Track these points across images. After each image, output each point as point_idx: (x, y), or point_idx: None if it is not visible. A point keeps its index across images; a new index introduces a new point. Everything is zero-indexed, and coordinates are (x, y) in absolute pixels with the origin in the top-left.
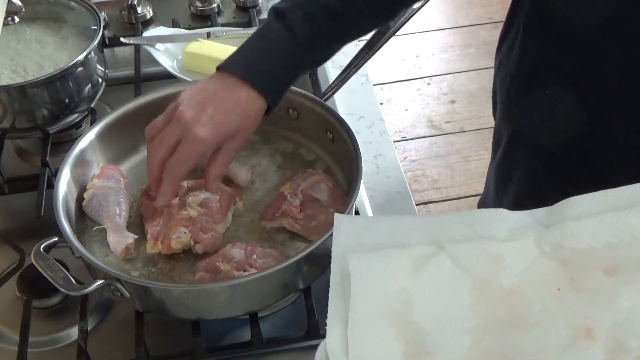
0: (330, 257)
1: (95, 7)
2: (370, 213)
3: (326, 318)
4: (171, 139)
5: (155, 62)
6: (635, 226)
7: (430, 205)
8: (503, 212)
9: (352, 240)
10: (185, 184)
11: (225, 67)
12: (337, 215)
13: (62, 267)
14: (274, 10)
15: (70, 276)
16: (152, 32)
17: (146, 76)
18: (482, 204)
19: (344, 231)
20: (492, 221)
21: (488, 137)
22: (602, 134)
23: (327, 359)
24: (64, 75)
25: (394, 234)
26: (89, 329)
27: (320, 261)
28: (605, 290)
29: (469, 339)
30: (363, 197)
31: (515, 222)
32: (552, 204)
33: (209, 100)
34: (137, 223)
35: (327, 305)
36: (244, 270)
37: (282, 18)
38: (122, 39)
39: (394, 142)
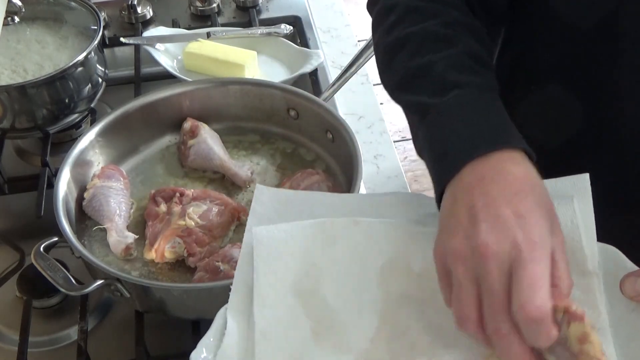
0: None
1: (95, 7)
2: None
3: None
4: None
5: (155, 62)
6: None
7: None
8: (423, 197)
9: (269, 211)
10: (191, 192)
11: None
12: (258, 186)
13: (62, 267)
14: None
15: (70, 276)
16: (152, 32)
17: (146, 76)
18: None
19: (263, 202)
20: (411, 204)
21: None
22: (599, 135)
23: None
24: (64, 75)
25: (312, 208)
26: (89, 329)
27: None
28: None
29: (377, 318)
30: None
31: (431, 208)
32: None
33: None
34: (137, 223)
35: None
36: None
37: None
38: (122, 39)
39: (394, 142)
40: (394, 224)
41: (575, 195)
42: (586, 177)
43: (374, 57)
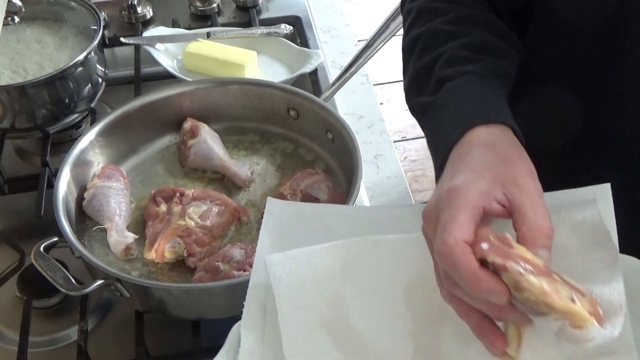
0: None
1: (95, 7)
2: None
3: None
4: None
5: (155, 62)
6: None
7: None
8: (421, 206)
9: (282, 224)
10: (191, 192)
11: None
12: (270, 199)
13: (62, 267)
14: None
15: (70, 276)
16: (152, 32)
17: (146, 76)
18: None
19: (275, 215)
20: (411, 215)
21: None
22: (601, 135)
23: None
24: (64, 75)
25: (325, 220)
26: (89, 329)
27: None
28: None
29: (411, 343)
30: (363, 197)
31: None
32: None
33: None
34: (137, 223)
35: None
36: (244, 270)
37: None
38: (122, 39)
39: (394, 142)
40: (413, 239)
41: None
42: (607, 187)
43: (374, 57)
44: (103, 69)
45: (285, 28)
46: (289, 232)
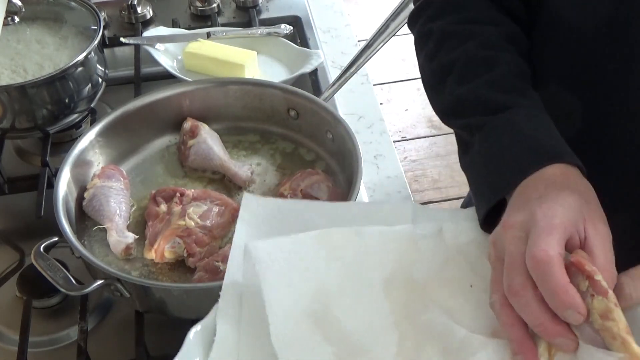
0: None
1: (95, 7)
2: None
3: None
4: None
5: (155, 62)
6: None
7: (431, 205)
8: (413, 205)
9: (259, 221)
10: (191, 192)
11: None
12: (246, 195)
13: (62, 267)
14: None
15: (70, 276)
16: (152, 32)
17: (146, 76)
18: (466, 205)
19: (252, 211)
20: (402, 213)
21: None
22: (599, 137)
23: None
24: (64, 75)
25: (302, 216)
26: (89, 329)
27: None
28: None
29: (395, 333)
30: (363, 197)
31: (423, 216)
32: None
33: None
34: (137, 223)
35: None
36: None
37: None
38: (122, 39)
39: (394, 142)
40: (394, 232)
41: None
42: None
43: (374, 57)
44: (103, 69)
45: (285, 28)
46: (266, 227)
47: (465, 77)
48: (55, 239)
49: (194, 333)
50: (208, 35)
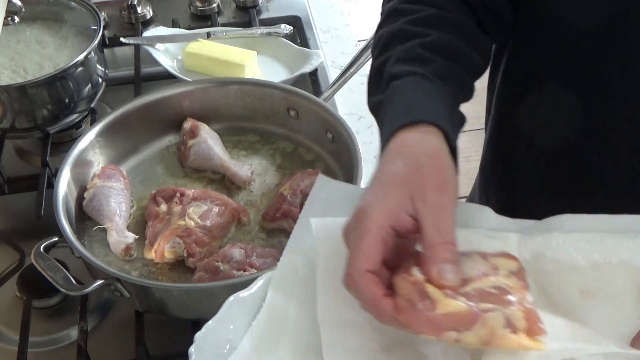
0: None
1: (95, 7)
2: None
3: None
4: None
5: (155, 62)
6: (626, 248)
7: None
8: (488, 210)
9: (328, 203)
10: (191, 192)
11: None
12: (321, 176)
13: (62, 267)
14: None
15: (70, 276)
16: (152, 32)
17: (146, 76)
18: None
19: (323, 191)
20: (476, 215)
21: None
22: (599, 137)
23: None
24: (64, 75)
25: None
26: (89, 329)
27: None
28: (577, 312)
29: None
30: None
31: (498, 224)
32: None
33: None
34: (137, 223)
35: None
36: (244, 270)
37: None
38: (122, 39)
39: None
40: (463, 234)
41: None
42: None
43: None
44: (103, 69)
45: (285, 28)
46: (335, 209)
47: (383, 52)
48: (55, 239)
49: (234, 298)
50: (208, 35)
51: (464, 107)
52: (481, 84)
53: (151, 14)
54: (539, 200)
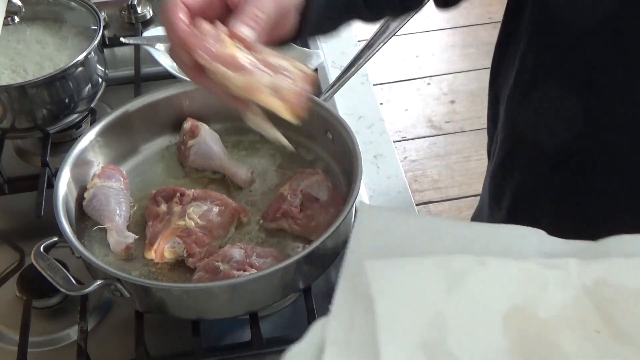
0: (330, 257)
1: (95, 7)
2: None
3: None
4: None
5: (155, 62)
6: None
7: (430, 205)
8: (541, 233)
9: (373, 235)
10: (191, 192)
11: None
12: (361, 203)
13: (62, 267)
14: None
15: (70, 276)
16: (152, 32)
17: (146, 76)
18: (476, 217)
19: (366, 223)
20: (528, 240)
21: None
22: (599, 139)
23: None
24: (64, 75)
25: (421, 236)
26: (89, 329)
27: (320, 261)
28: None
29: None
30: (363, 197)
31: (552, 248)
32: (545, 227)
33: None
34: (137, 223)
35: (327, 305)
36: (244, 270)
37: None
38: (122, 39)
39: (394, 142)
40: (521, 265)
41: None
42: None
43: (374, 57)
44: (103, 69)
45: None
46: (382, 240)
47: None
48: (55, 239)
49: (289, 353)
50: None
51: (464, 107)
52: (481, 83)
53: (151, 14)
54: (546, 206)
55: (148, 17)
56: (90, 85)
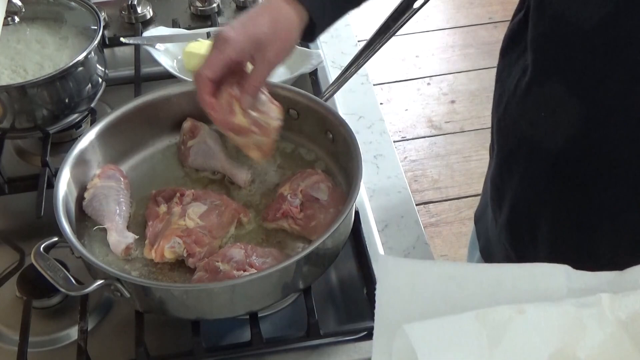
0: (330, 257)
1: (95, 7)
2: (370, 213)
3: (326, 319)
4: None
5: (155, 62)
6: None
7: (430, 205)
8: (567, 268)
9: (400, 290)
10: (191, 192)
11: None
12: (382, 257)
13: (62, 267)
14: None
15: (70, 276)
16: (152, 32)
17: (146, 76)
18: (480, 217)
19: (390, 277)
20: (555, 277)
21: (488, 137)
22: (600, 138)
23: None
24: (64, 75)
25: (448, 284)
26: (89, 329)
27: (320, 261)
28: None
29: None
30: (363, 197)
31: (579, 282)
32: (544, 228)
33: (245, 15)
34: (137, 223)
35: (327, 305)
36: (244, 270)
37: None
38: (122, 39)
39: (394, 142)
40: (559, 309)
41: None
42: None
43: (374, 57)
44: (103, 69)
45: None
46: (407, 291)
47: None
48: (55, 239)
49: None
50: (208, 35)
51: (464, 107)
52: (481, 83)
53: (151, 14)
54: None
55: (148, 17)
56: (90, 85)
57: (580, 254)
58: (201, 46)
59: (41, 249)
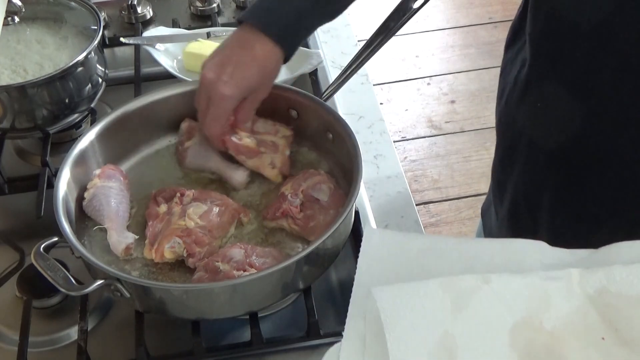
0: (330, 257)
1: (95, 7)
2: (370, 213)
3: (326, 319)
4: (202, 102)
5: (155, 62)
6: None
7: (430, 205)
8: (542, 244)
9: (380, 260)
10: (191, 192)
11: (242, 17)
12: (368, 228)
13: (62, 267)
14: None
15: (70, 276)
16: (152, 32)
17: (146, 76)
18: (486, 210)
19: (372, 248)
20: (530, 252)
21: (488, 137)
22: (597, 139)
23: None
24: (64, 75)
25: (427, 256)
26: (89, 329)
27: (320, 261)
28: None
29: None
30: (363, 197)
31: (553, 258)
32: (543, 221)
33: (227, 59)
34: (137, 223)
35: (327, 305)
36: (244, 270)
37: None
38: (122, 39)
39: (394, 142)
40: (525, 280)
41: None
42: None
43: (374, 57)
44: (103, 69)
45: None
46: (389, 262)
47: None
48: (55, 239)
49: None
50: (208, 35)
51: (463, 107)
52: (481, 83)
53: (151, 14)
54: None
55: (148, 17)
56: (90, 85)
57: (579, 245)
58: (201, 46)
59: (41, 249)
